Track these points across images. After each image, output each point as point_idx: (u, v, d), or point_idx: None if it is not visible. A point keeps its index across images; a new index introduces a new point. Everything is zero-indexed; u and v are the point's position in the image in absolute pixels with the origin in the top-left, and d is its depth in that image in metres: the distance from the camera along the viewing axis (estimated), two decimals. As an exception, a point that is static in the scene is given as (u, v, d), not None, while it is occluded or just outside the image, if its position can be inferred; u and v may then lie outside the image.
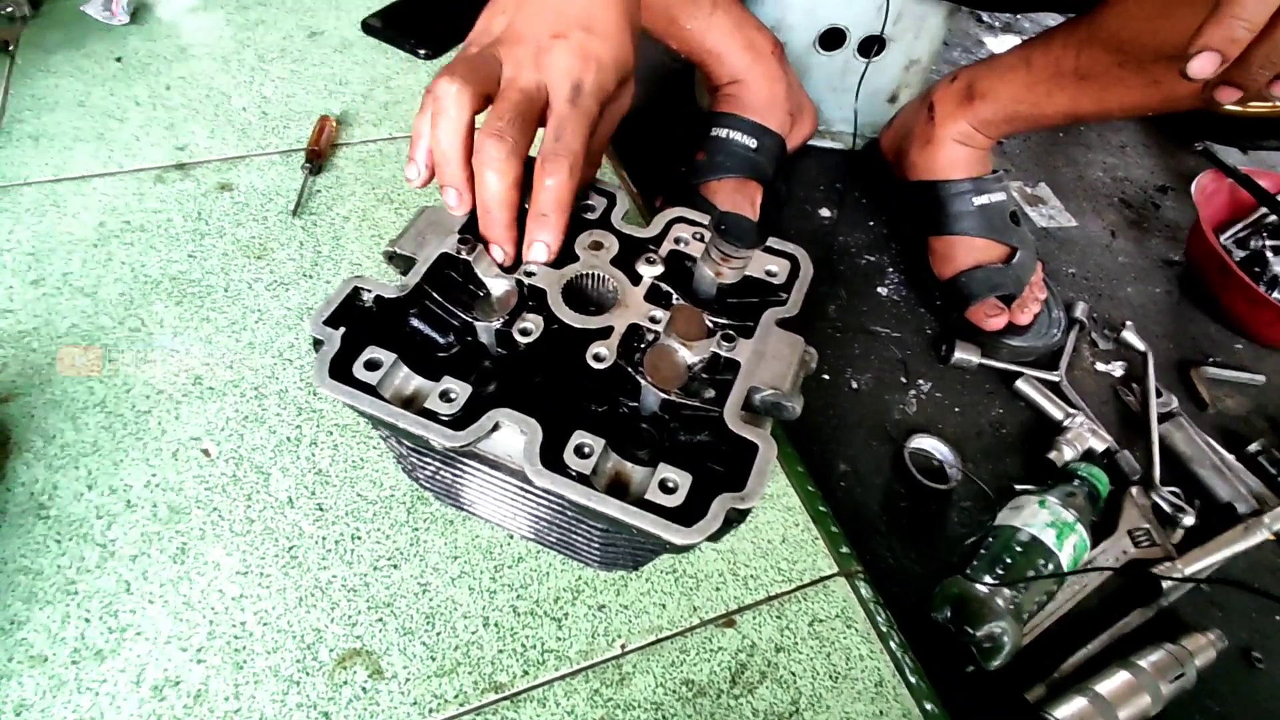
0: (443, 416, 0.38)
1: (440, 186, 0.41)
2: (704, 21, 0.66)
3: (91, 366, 0.52)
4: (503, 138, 0.39)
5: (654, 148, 0.85)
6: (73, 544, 0.44)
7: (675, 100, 0.95)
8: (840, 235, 0.85)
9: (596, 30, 0.42)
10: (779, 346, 0.42)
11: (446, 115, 0.39)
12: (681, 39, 0.68)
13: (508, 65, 0.41)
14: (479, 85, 0.40)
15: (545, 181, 0.40)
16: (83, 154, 0.65)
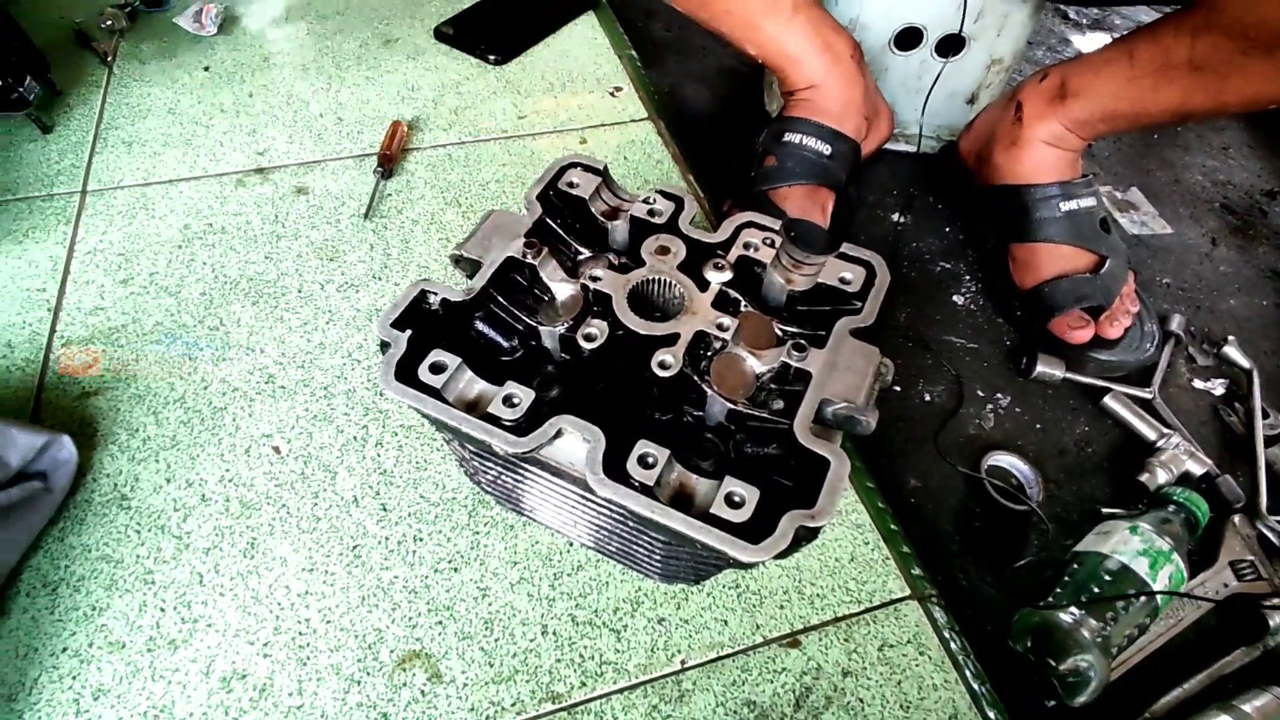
0: (505, 422, 0.37)
1: None
2: (784, 26, 0.65)
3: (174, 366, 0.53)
4: None
5: (722, 151, 0.83)
6: (151, 535, 0.46)
7: (743, 104, 0.94)
8: (913, 241, 0.81)
9: None
10: (853, 357, 0.40)
11: None
12: (760, 44, 0.66)
13: None
14: None
15: None
16: (171, 159, 0.68)
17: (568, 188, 0.48)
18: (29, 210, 0.63)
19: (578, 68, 0.82)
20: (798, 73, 0.67)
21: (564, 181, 0.48)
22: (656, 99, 0.80)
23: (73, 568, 0.44)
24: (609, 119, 0.76)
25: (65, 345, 0.54)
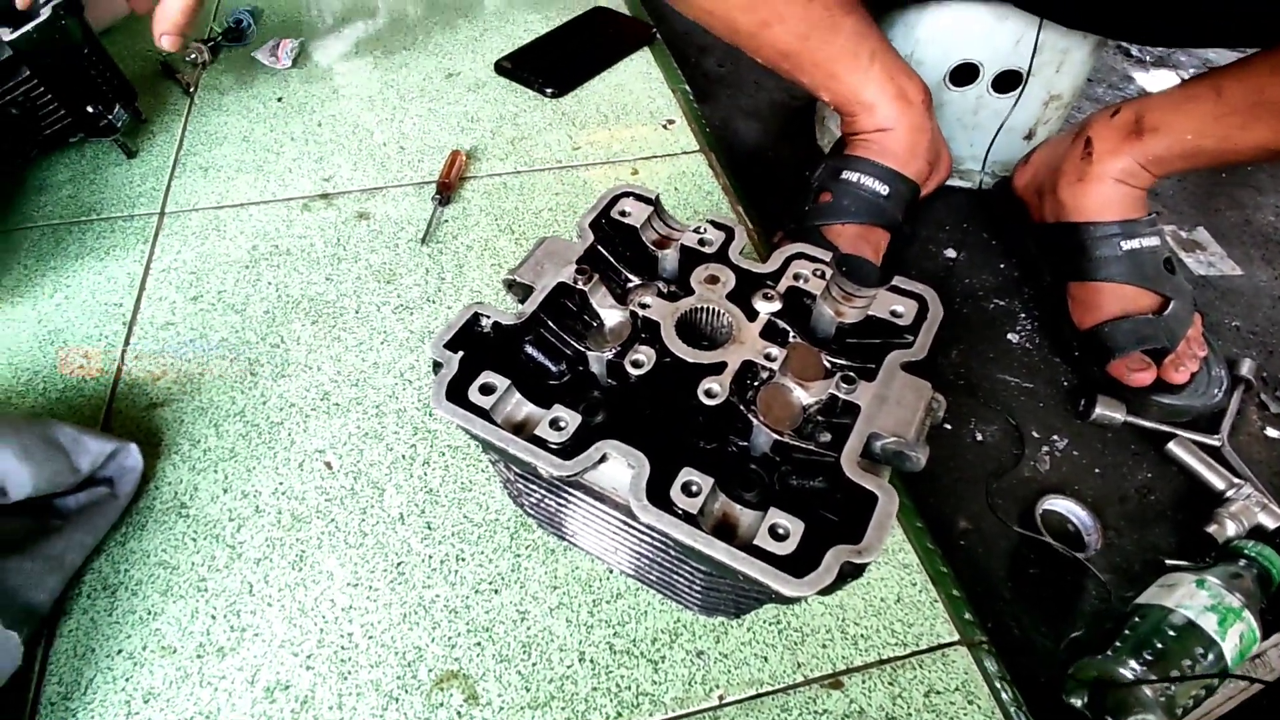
0: (551, 444, 0.38)
1: None
2: (861, 75, 0.65)
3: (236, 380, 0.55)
4: None
5: (773, 184, 0.84)
6: (206, 543, 0.47)
7: (794, 138, 0.94)
8: (966, 277, 0.80)
9: None
10: (903, 392, 0.40)
11: None
12: (836, 91, 0.67)
13: None
14: None
15: None
16: (243, 184, 0.71)
17: (620, 216, 0.48)
18: (111, 229, 0.66)
19: (632, 101, 0.83)
20: (869, 118, 0.67)
21: (616, 210, 0.49)
22: (708, 132, 0.81)
23: (132, 572, 0.46)
24: (661, 151, 0.77)
25: (137, 358, 0.57)
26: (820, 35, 0.65)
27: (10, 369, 0.56)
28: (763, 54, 0.67)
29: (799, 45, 0.65)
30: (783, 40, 0.64)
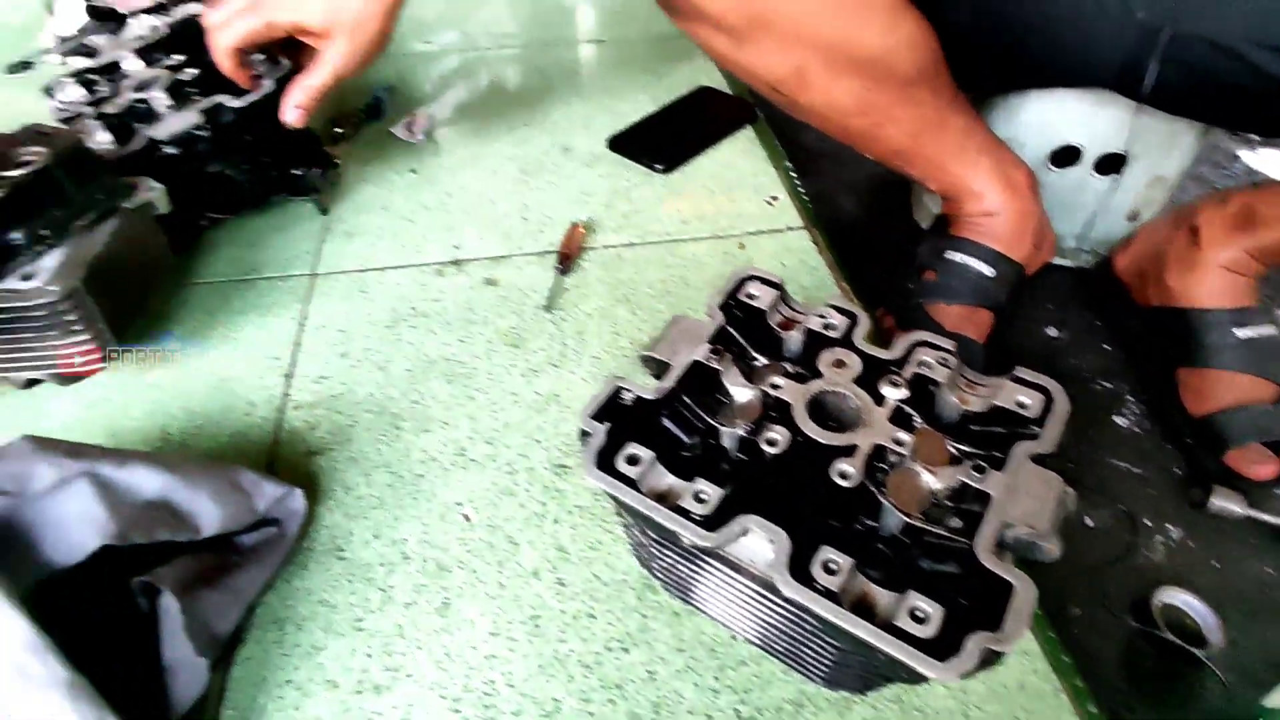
0: (695, 515, 0.41)
1: None
2: (969, 165, 0.68)
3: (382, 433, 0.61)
4: None
5: (872, 257, 0.86)
6: (361, 585, 0.51)
7: (892, 212, 0.97)
8: (1070, 357, 0.81)
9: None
10: (1033, 483, 0.42)
11: None
12: (942, 180, 0.70)
13: None
14: None
15: None
16: (383, 249, 0.78)
17: (747, 298, 0.52)
18: (271, 288, 0.74)
19: (737, 178, 0.88)
20: (976, 205, 0.70)
21: (743, 292, 0.52)
22: (810, 208, 0.85)
23: (297, 608, 0.50)
24: (766, 226, 0.81)
25: (296, 408, 0.63)
26: (930, 133, 0.68)
27: (186, 413, 0.63)
28: (873, 150, 0.71)
29: (909, 143, 0.68)
30: (894, 139, 0.68)
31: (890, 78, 0.63)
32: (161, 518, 0.45)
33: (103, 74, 0.76)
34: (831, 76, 0.62)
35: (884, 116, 0.66)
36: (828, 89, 0.63)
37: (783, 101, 0.68)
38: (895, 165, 0.72)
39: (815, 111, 0.67)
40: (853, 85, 0.63)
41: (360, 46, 0.62)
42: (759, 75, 0.65)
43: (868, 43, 0.61)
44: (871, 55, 0.62)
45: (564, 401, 0.63)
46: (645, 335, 0.69)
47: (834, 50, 0.61)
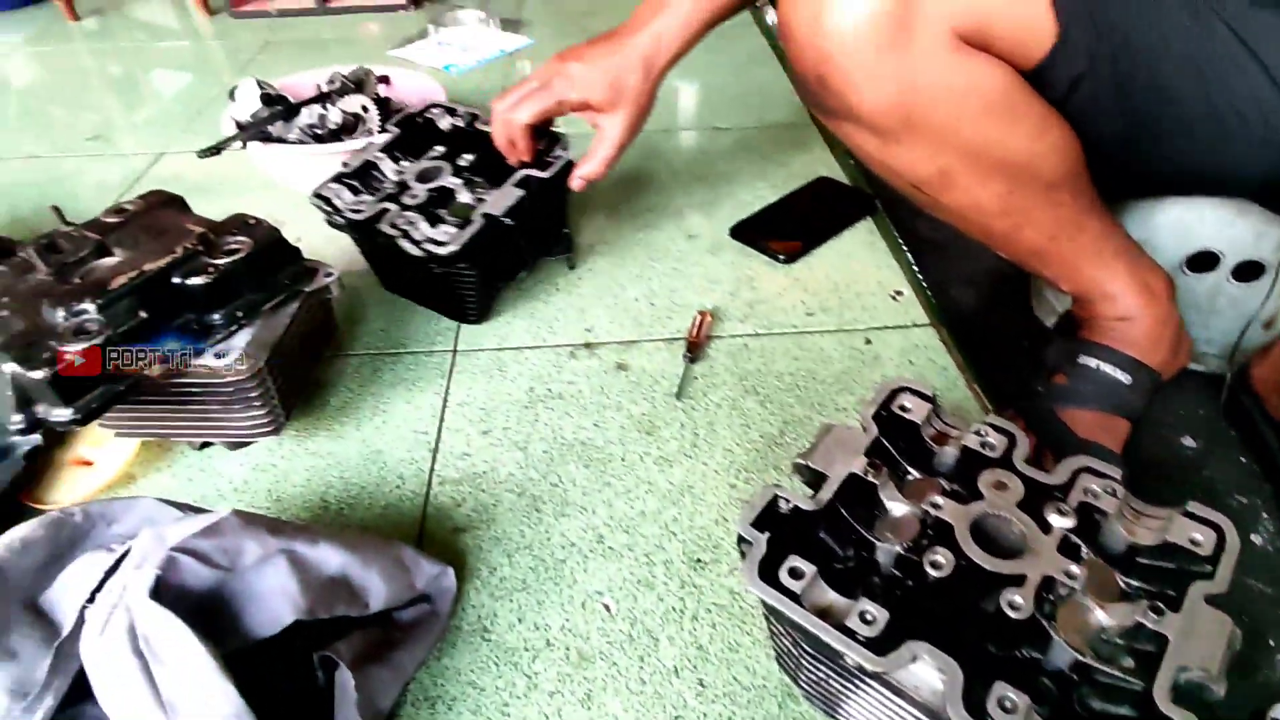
0: (861, 636, 0.41)
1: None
2: (1104, 268, 0.68)
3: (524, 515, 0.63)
4: None
5: (990, 352, 0.86)
6: (507, 669, 0.53)
7: (1011, 307, 0.96)
8: (1205, 469, 0.77)
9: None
10: (1207, 624, 0.40)
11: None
12: (1078, 283, 0.70)
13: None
14: None
15: None
16: (519, 329, 0.83)
17: (900, 410, 0.53)
18: (416, 363, 0.79)
19: (859, 270, 0.89)
20: (1112, 308, 0.69)
21: (896, 405, 0.53)
22: (935, 305, 0.85)
23: (447, 688, 0.52)
24: (892, 322, 0.82)
25: (441, 483, 0.66)
26: (1068, 235, 0.68)
27: (343, 482, 0.67)
28: (1009, 250, 0.71)
29: (1048, 244, 0.68)
30: (1032, 240, 0.68)
31: (1034, 181, 0.64)
32: (340, 593, 0.48)
33: (359, 176, 0.83)
34: (976, 179, 0.63)
35: (1024, 218, 0.66)
36: (971, 190, 0.64)
37: (924, 200, 0.69)
38: (1031, 266, 0.73)
39: (956, 211, 0.68)
40: (997, 188, 0.64)
41: (637, 117, 0.76)
42: (904, 174, 0.66)
43: (1015, 147, 0.62)
44: (1018, 160, 0.62)
45: (697, 493, 0.65)
46: (775, 429, 0.70)
47: (981, 154, 0.62)
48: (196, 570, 0.43)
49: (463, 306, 0.82)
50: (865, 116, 0.60)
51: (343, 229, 0.80)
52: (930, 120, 0.60)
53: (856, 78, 0.57)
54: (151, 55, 1.58)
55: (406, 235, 0.75)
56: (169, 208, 0.71)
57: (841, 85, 0.58)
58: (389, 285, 0.88)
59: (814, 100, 0.62)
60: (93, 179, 1.14)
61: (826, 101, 0.61)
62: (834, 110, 0.62)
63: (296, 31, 1.66)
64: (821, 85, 0.59)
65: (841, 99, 0.59)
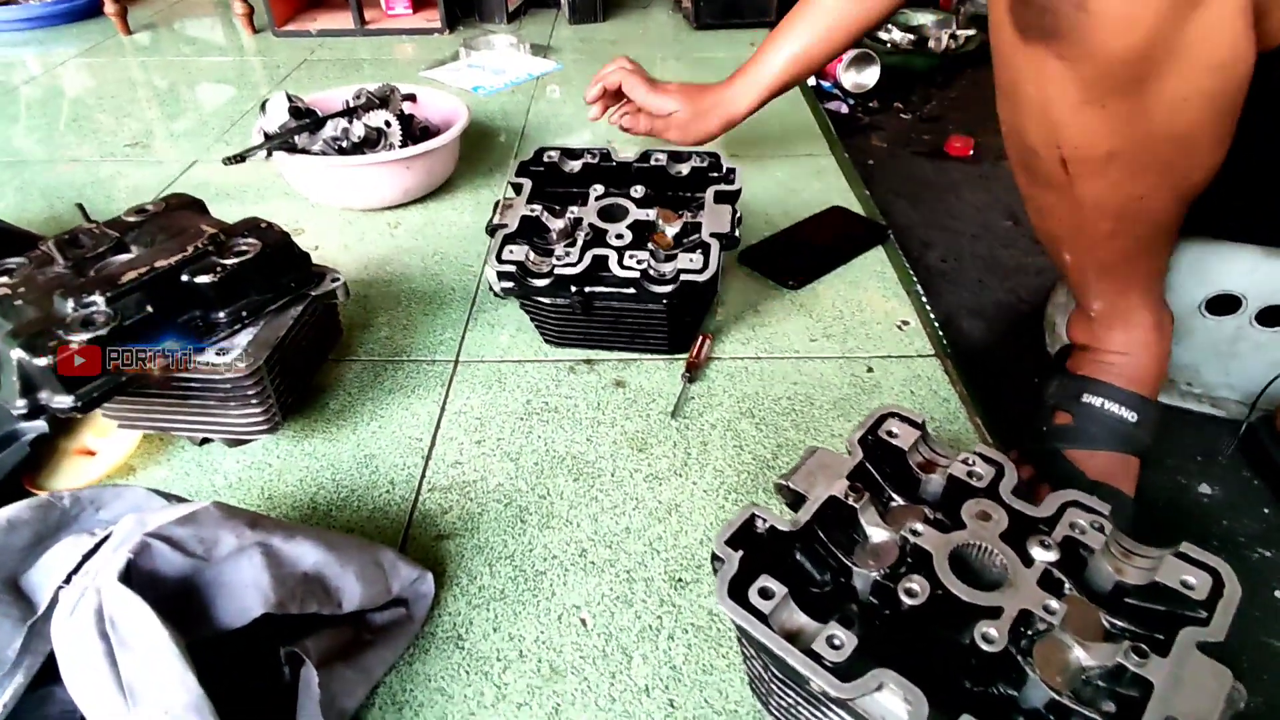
0: (828, 662, 0.40)
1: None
2: (1145, 295, 0.66)
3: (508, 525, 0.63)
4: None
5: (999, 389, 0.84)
6: (477, 678, 0.52)
7: (1021, 341, 0.95)
8: (1223, 518, 0.75)
9: None
10: (1200, 674, 0.38)
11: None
12: (1115, 303, 0.67)
13: None
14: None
15: None
16: (521, 342, 0.83)
17: (887, 436, 0.52)
18: (418, 371, 0.80)
19: (866, 298, 0.89)
20: (1120, 336, 0.67)
21: (884, 430, 0.52)
22: (941, 337, 0.84)
23: (415, 693, 0.52)
24: (895, 351, 0.81)
25: (431, 490, 0.66)
26: (1146, 254, 0.64)
27: (334, 484, 0.67)
28: (1081, 255, 0.65)
29: (1122, 261, 0.64)
30: (1115, 253, 0.63)
31: (1172, 192, 0.57)
32: (313, 590, 0.48)
33: (524, 234, 0.77)
34: (1133, 172, 0.55)
35: (1130, 227, 0.60)
36: (1119, 184, 0.56)
37: (1046, 178, 0.59)
38: (1083, 276, 0.67)
39: (1073, 200, 0.59)
40: (1140, 188, 0.56)
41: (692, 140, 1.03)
42: (1070, 141, 0.55)
43: (1196, 150, 0.54)
44: (1181, 164, 0.55)
45: (684, 512, 0.64)
46: (768, 451, 0.69)
47: (1163, 145, 0.53)
48: (169, 557, 0.43)
49: (682, 334, 0.80)
50: (1106, 57, 0.48)
51: (537, 292, 0.73)
52: (1161, 88, 0.49)
53: (1128, 7, 0.45)
54: (196, 69, 1.64)
55: (646, 275, 0.71)
56: (188, 210, 0.73)
57: (1105, 8, 0.46)
58: (562, 339, 0.82)
59: (1039, 9, 0.49)
60: (128, 183, 1.18)
61: (1064, 21, 0.47)
62: (1058, 31, 0.48)
63: (335, 51, 1.72)
64: (1079, 3, 0.46)
65: (1092, 26, 0.46)
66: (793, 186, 1.12)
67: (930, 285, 1.06)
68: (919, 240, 1.18)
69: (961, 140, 1.39)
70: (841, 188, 1.11)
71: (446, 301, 0.90)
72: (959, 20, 1.77)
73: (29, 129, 1.38)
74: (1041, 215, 0.65)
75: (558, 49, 1.72)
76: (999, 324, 1.01)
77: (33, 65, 1.68)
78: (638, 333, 0.79)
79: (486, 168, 1.19)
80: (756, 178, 1.15)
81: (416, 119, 1.13)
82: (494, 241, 0.75)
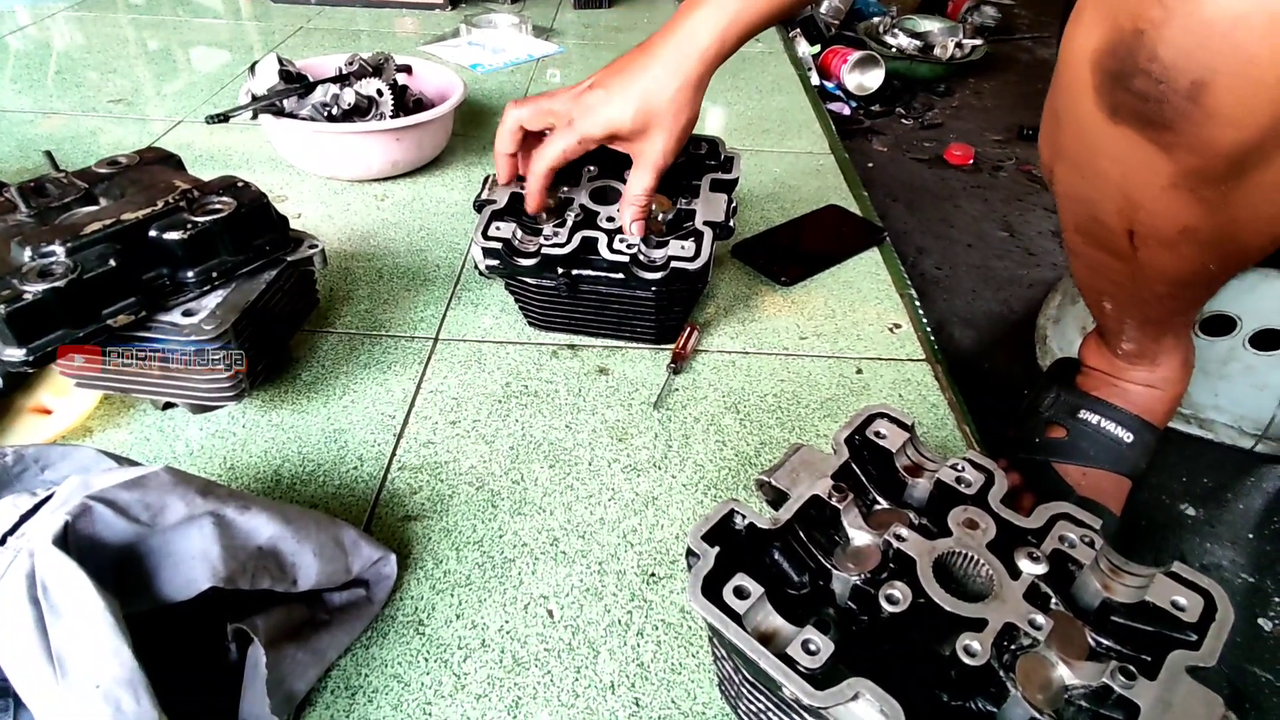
0: (802, 668, 0.38)
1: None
2: (1178, 337, 0.65)
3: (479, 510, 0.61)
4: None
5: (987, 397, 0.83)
6: (436, 666, 0.50)
7: (1012, 351, 0.93)
8: (1207, 541, 0.74)
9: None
10: (1190, 700, 0.37)
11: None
12: (1147, 347, 0.65)
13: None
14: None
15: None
16: (504, 324, 0.81)
17: (874, 436, 0.50)
18: (395, 347, 0.77)
19: (859, 299, 0.87)
20: (1147, 373, 0.66)
21: (871, 430, 0.50)
22: (933, 342, 0.82)
23: (370, 678, 0.49)
24: (886, 354, 0.79)
25: (401, 469, 0.64)
26: (1191, 307, 0.64)
27: (300, 457, 0.65)
28: (1126, 310, 0.62)
29: (1169, 315, 0.62)
30: (1163, 310, 0.61)
31: (1239, 262, 0.54)
32: (267, 566, 0.46)
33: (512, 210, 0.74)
34: (1207, 247, 0.52)
35: (1185, 290, 0.57)
36: (1188, 256, 0.53)
37: (1109, 246, 0.56)
38: (1121, 324, 0.64)
39: (1136, 266, 0.55)
40: (1207, 259, 0.53)
41: (677, 135, 0.64)
42: (1150, 221, 0.51)
43: (1270, 245, 0.51)
44: (1254, 242, 0.51)
45: (661, 505, 0.62)
46: (751, 448, 0.67)
47: (1246, 224, 0.49)
48: (111, 522, 0.41)
49: (670, 324, 0.78)
50: (1212, 151, 0.44)
51: (523, 271, 0.71)
52: (1263, 179, 0.45)
53: (1247, 104, 0.41)
54: (189, 30, 1.60)
55: (636, 260, 0.69)
56: (163, 164, 0.70)
57: (1221, 106, 0.42)
58: (546, 323, 0.79)
59: (1141, 97, 0.45)
60: (109, 139, 1.14)
61: (1169, 112, 0.44)
62: (1161, 120, 0.44)
63: (333, 21, 1.68)
64: (1191, 96, 0.42)
65: (1203, 120, 0.43)
66: (790, 183, 1.10)
67: (924, 291, 1.05)
68: (914, 246, 1.17)
69: (962, 149, 1.38)
70: (840, 187, 1.09)
71: (430, 278, 0.87)
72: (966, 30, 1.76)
73: (12, 79, 1.33)
74: (1091, 272, 0.61)
75: (560, 32, 1.69)
76: (990, 334, 0.99)
77: (22, 16, 1.63)
78: (624, 320, 0.76)
79: (480, 146, 1.17)
80: (754, 173, 1.13)
81: (411, 90, 1.10)
82: (481, 217, 0.72)
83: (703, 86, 0.64)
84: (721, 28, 0.62)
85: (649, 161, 0.65)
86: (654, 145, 0.64)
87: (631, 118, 0.63)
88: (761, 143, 1.22)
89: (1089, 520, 0.45)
